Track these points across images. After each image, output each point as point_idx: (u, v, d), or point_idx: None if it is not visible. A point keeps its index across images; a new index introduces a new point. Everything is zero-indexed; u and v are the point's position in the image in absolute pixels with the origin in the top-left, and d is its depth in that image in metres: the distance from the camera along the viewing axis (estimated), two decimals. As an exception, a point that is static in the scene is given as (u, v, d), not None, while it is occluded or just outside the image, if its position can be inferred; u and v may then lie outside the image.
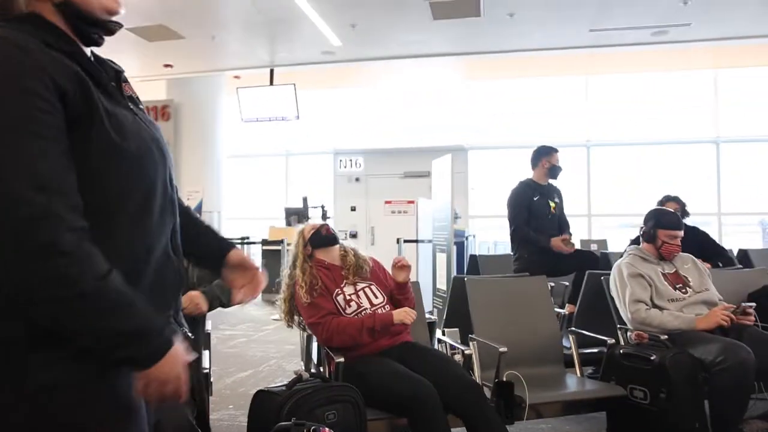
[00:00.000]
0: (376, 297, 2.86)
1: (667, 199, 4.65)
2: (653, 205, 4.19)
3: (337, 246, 3.02)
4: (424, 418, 2.33)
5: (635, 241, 3.90)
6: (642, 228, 3.60)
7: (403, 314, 2.71)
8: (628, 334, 3.29)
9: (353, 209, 11.80)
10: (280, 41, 8.11)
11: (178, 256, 1.20)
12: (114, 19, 1.13)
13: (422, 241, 7.65)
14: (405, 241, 7.32)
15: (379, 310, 2.79)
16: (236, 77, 10.01)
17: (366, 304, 2.81)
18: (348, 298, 2.81)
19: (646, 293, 3.29)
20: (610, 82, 10.92)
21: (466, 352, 2.94)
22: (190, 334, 1.25)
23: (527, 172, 5.08)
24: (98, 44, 1.15)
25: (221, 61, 9.12)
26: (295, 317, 2.95)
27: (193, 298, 2.73)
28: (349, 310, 2.77)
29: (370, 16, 7.10)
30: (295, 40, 7.97)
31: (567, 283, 5.24)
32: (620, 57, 9.19)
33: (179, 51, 8.37)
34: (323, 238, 2.98)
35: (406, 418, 2.38)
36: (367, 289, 2.88)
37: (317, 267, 2.89)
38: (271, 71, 9.10)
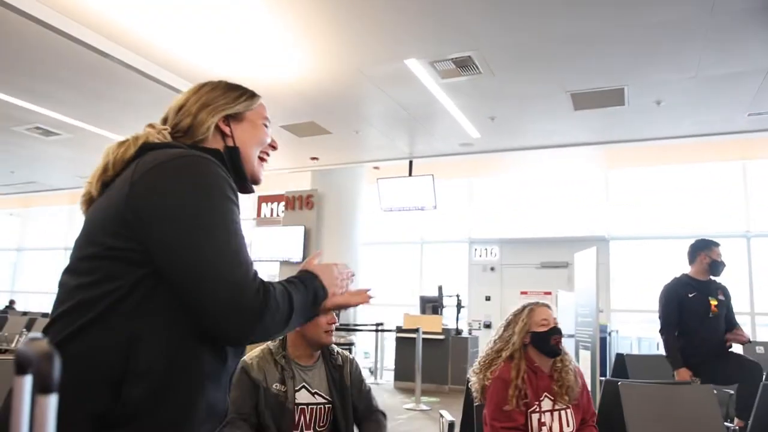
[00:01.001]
0: (568, 425, 2.51)
1: None
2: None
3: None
4: None
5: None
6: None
7: None
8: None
9: (488, 299, 11.60)
10: (420, 134, 8.38)
11: None
12: (251, 186, 1.40)
13: (563, 336, 7.28)
14: (544, 336, 6.98)
15: None
16: (376, 168, 10.43)
17: (556, 429, 2.49)
18: (542, 420, 2.48)
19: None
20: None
21: (624, 465, 2.68)
22: None
23: (675, 264, 4.73)
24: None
25: (363, 153, 9.56)
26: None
27: None
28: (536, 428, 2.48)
29: (510, 108, 7.18)
30: (435, 132, 8.21)
31: (731, 392, 4.73)
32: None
33: (325, 145, 8.91)
34: (550, 348, 2.60)
35: None
36: (563, 413, 2.53)
37: (528, 368, 2.55)
38: (410, 162, 9.39)
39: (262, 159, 1.41)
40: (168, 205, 1.11)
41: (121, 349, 1.06)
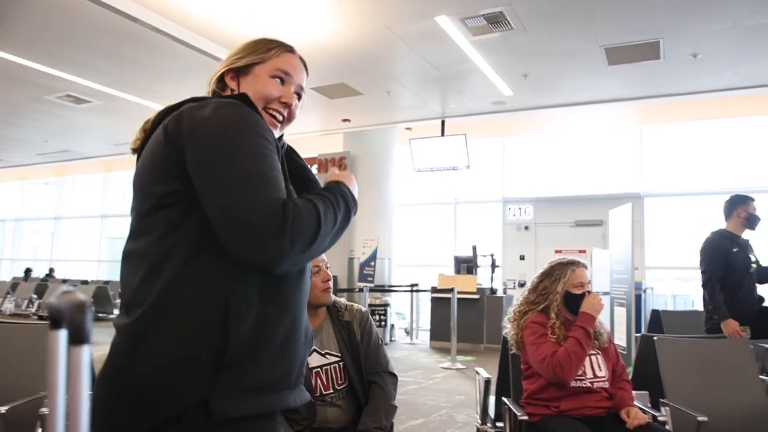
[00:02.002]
0: (600, 369, 2.58)
1: None
2: None
3: None
4: None
5: None
6: None
7: (594, 301, 2.54)
8: None
9: (522, 258, 11.59)
10: (452, 93, 8.32)
11: None
12: (273, 106, 1.32)
13: (598, 293, 7.28)
14: (580, 293, 7.00)
15: (601, 384, 2.56)
16: (408, 129, 10.40)
17: (590, 374, 2.54)
18: None
19: None
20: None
21: (659, 418, 2.73)
22: None
23: (711, 221, 4.66)
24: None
25: (395, 114, 9.54)
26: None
27: None
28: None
29: (543, 64, 7.07)
30: (467, 91, 8.14)
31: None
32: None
33: (357, 106, 8.91)
34: (578, 308, 2.63)
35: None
36: (593, 358, 2.59)
37: (564, 317, 2.66)
38: (443, 122, 9.34)
39: (271, 116, 1.32)
40: (201, 137, 1.12)
41: (217, 290, 1.10)
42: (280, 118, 1.33)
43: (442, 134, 9.36)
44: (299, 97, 1.37)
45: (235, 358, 1.09)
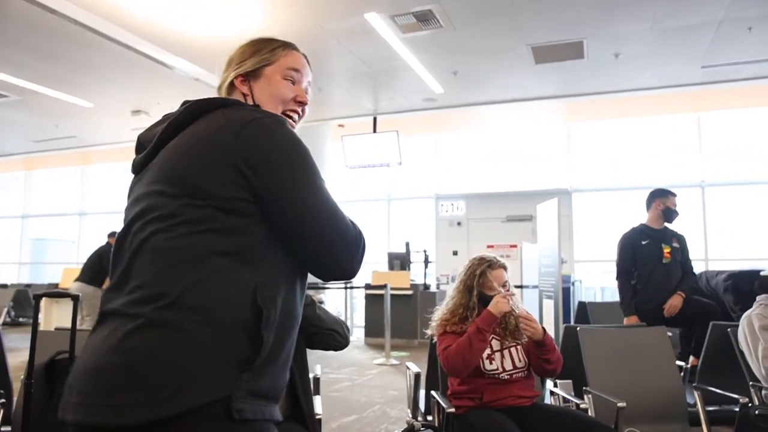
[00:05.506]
0: (520, 361, 2.63)
1: None
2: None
3: None
4: None
5: (765, 289, 3.61)
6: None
7: (499, 301, 2.53)
8: (763, 392, 3.02)
9: (455, 253, 11.74)
10: (384, 90, 8.34)
11: None
12: (290, 107, 1.38)
13: (527, 287, 7.47)
14: (509, 287, 7.15)
15: (521, 375, 2.61)
16: (340, 125, 10.36)
17: (509, 366, 2.60)
18: (491, 353, 2.61)
19: (782, 347, 3.02)
20: (724, 118, 10.32)
21: (581, 405, 2.81)
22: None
23: (636, 214, 4.87)
24: None
25: (327, 111, 9.48)
26: None
27: None
28: (489, 367, 2.58)
29: (473, 62, 7.18)
30: (398, 88, 8.17)
31: (670, 334, 4.94)
32: (735, 92, 8.70)
33: (288, 103, 8.78)
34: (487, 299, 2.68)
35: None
36: (513, 349, 2.65)
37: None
38: (375, 119, 9.35)
39: (289, 117, 1.36)
40: (280, 156, 1.17)
41: (254, 295, 1.12)
42: (297, 118, 1.38)
43: (374, 131, 9.37)
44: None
45: (261, 362, 1.12)
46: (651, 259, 4.58)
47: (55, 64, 7.21)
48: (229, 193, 1.13)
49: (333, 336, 2.38)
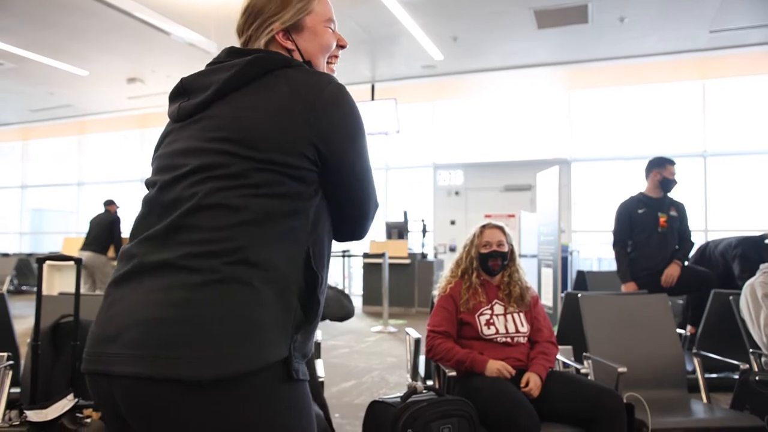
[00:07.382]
0: (522, 326, 2.68)
1: None
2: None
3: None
4: None
5: (768, 258, 3.59)
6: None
7: (499, 367, 2.51)
8: (764, 359, 3.01)
9: (453, 223, 11.71)
10: (382, 57, 8.21)
11: None
12: (332, 54, 1.38)
13: (525, 256, 7.45)
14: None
15: (521, 339, 2.65)
16: (338, 93, 10.24)
17: (512, 329, 2.65)
18: (491, 319, 2.67)
19: (784, 314, 3.01)
20: (730, 86, 10.18)
21: (582, 370, 2.80)
22: None
23: (635, 185, 4.84)
24: None
25: (324, 77, 9.34)
26: None
27: None
28: (486, 332, 2.63)
29: (473, 27, 7.05)
30: (397, 55, 8.04)
31: (681, 302, 4.94)
32: (742, 59, 8.57)
33: (285, 69, 8.67)
34: (488, 268, 2.80)
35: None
36: (516, 315, 2.70)
37: (481, 280, 2.79)
38: (372, 86, 9.23)
39: (329, 64, 1.37)
40: (347, 126, 1.20)
41: (310, 258, 1.15)
42: (336, 63, 1.39)
43: (372, 98, 9.26)
44: None
45: (312, 324, 1.17)
46: (647, 228, 4.57)
47: (49, 32, 7.08)
48: (299, 161, 1.14)
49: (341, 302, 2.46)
